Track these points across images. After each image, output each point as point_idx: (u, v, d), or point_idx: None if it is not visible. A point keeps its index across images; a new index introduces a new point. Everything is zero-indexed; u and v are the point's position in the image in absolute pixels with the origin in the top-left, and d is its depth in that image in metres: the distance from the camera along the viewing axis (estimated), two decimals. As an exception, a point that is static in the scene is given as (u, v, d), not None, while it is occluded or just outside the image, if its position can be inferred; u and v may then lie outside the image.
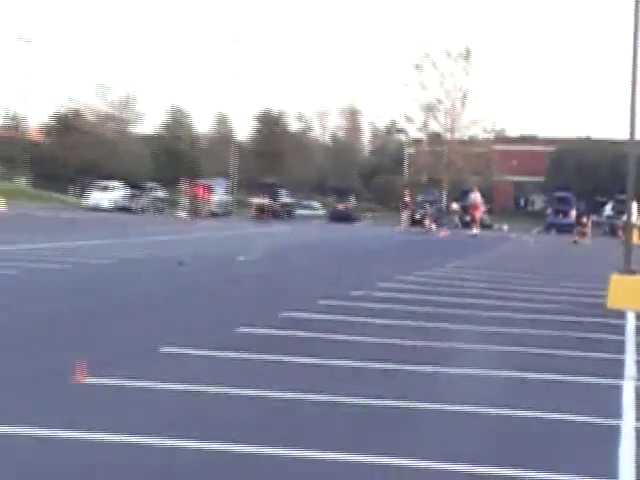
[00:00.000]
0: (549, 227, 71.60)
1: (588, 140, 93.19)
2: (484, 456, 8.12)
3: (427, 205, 69.48)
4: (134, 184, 79.73)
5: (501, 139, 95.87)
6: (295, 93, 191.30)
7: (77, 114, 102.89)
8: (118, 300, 18.55)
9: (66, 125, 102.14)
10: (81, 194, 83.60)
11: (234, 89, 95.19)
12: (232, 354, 12.26)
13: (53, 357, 11.63)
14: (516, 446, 8.73)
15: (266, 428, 8.85)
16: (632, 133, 21.59)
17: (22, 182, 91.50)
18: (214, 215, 72.31)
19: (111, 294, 19.62)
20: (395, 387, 10.86)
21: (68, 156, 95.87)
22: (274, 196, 78.67)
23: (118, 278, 23.13)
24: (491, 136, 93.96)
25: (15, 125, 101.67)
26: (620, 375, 12.15)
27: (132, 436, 8.15)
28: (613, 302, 19.50)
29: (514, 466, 7.79)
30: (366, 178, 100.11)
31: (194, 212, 71.11)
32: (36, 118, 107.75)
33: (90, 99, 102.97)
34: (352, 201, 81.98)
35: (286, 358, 12.14)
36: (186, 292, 20.62)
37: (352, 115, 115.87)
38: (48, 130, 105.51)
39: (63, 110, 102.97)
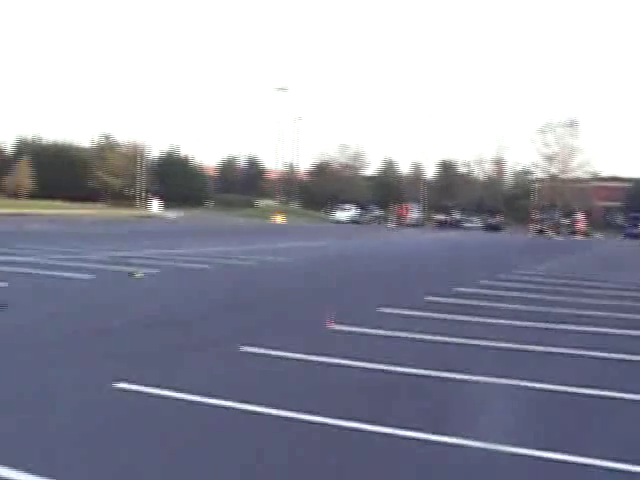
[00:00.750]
0: (626, 236, 69.52)
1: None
2: (585, 380, 7.72)
3: (548, 220, 67.98)
4: (362, 206, 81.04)
5: (596, 178, 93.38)
6: (463, 147, 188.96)
7: (327, 163, 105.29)
8: (348, 276, 18.47)
9: (321, 170, 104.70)
10: (329, 212, 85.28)
11: (424, 146, 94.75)
12: (425, 314, 11.96)
13: (309, 312, 11.65)
14: (615, 377, 8.25)
15: (472, 363, 8.52)
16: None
17: (295, 205, 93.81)
18: (411, 226, 72.38)
19: (342, 273, 19.64)
20: (533, 336, 10.41)
21: (322, 189, 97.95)
22: (449, 214, 78.45)
23: (345, 262, 23.09)
24: (589, 176, 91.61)
25: (291, 170, 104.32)
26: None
27: (359, 362, 8.03)
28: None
29: (614, 389, 7.35)
30: (508, 202, 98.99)
31: (399, 223, 71.51)
32: (303, 165, 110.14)
33: (335, 154, 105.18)
34: (499, 217, 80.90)
35: (462, 317, 11.74)
36: (390, 272, 20.44)
37: (499, 162, 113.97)
38: (310, 173, 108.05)
39: (319, 161, 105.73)
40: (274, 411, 6.06)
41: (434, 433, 5.69)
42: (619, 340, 10.53)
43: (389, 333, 10.01)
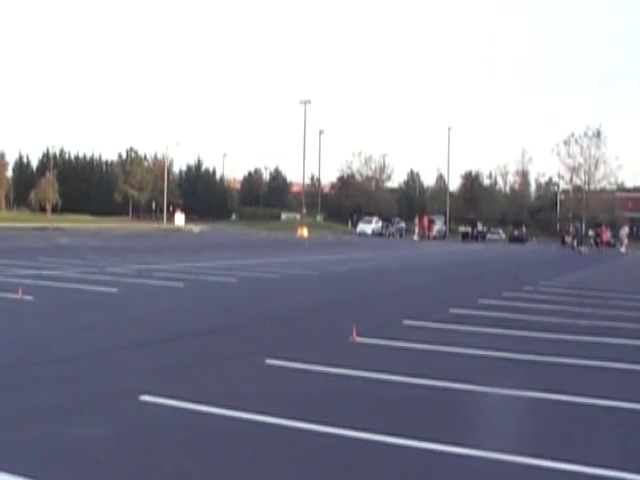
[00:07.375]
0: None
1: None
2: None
3: (573, 232, 67.84)
4: (385, 218, 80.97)
5: (621, 189, 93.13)
6: (486, 159, 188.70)
7: (351, 176, 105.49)
8: (374, 290, 18.40)
9: (344, 183, 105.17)
10: (353, 225, 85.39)
11: (448, 159, 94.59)
12: (450, 326, 11.86)
13: (335, 325, 11.61)
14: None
15: (481, 374, 8.47)
16: None
17: (318, 218, 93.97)
18: (435, 238, 72.18)
19: (369, 287, 19.48)
20: (554, 347, 10.31)
21: (346, 201, 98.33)
22: (473, 226, 78.20)
23: (371, 276, 22.86)
24: (614, 187, 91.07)
25: (315, 184, 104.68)
26: None
27: (379, 374, 8.01)
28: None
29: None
30: (532, 214, 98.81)
31: (422, 236, 71.31)
32: (326, 179, 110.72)
33: (359, 166, 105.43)
34: (523, 229, 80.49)
35: (483, 329, 11.68)
36: (415, 285, 20.33)
37: (523, 174, 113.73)
38: (334, 186, 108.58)
39: (342, 174, 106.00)
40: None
41: (460, 446, 5.73)
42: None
43: (414, 346, 10.03)
